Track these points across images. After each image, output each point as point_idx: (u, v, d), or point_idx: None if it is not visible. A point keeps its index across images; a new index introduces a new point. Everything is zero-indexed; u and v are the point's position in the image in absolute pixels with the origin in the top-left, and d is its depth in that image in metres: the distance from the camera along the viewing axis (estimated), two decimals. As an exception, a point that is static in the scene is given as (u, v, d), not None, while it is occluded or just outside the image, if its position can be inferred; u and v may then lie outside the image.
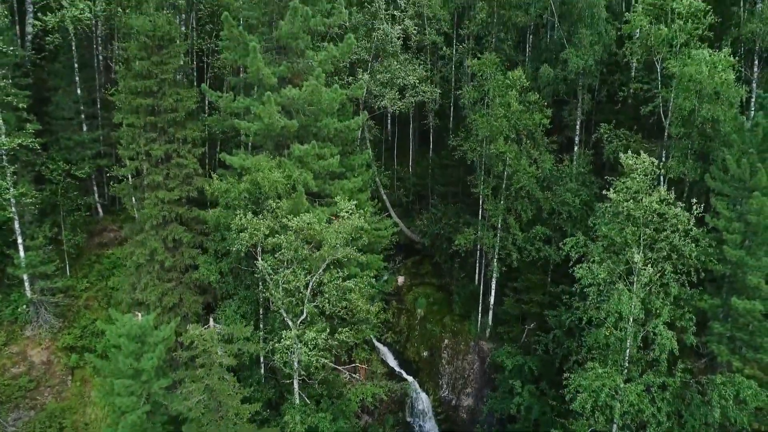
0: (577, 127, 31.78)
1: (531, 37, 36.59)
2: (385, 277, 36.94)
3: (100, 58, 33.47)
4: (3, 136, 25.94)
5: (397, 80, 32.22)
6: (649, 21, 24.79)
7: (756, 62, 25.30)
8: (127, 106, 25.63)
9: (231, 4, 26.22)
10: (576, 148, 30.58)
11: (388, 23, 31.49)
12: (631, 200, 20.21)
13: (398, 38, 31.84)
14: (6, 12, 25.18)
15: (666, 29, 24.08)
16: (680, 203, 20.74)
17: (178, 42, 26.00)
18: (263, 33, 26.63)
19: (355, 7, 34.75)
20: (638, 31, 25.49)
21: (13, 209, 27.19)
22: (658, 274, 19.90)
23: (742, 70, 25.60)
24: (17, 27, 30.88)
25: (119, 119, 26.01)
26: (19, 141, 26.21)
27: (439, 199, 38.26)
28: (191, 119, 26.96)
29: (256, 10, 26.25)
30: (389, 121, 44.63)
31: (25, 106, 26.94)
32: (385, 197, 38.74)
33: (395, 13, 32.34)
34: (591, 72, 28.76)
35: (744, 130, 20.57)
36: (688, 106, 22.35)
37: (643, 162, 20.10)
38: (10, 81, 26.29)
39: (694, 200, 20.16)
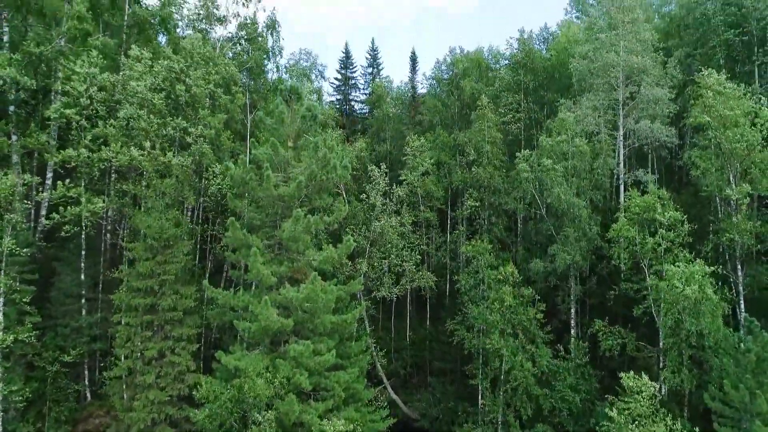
0: (572, 311, 32.11)
1: (521, 216, 38.46)
2: (382, 468, 34.80)
3: (108, 238, 34.78)
4: (1, 333, 26.01)
5: (394, 267, 33.24)
6: (632, 227, 26.23)
7: (738, 266, 26.28)
8: (126, 305, 26.08)
9: (238, 207, 27.88)
10: (572, 340, 30.58)
11: (386, 215, 33.27)
12: (636, 424, 19.73)
13: (395, 229, 33.40)
14: (22, 218, 26.55)
15: (651, 239, 25.41)
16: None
17: (184, 240, 27.21)
18: (266, 232, 27.99)
19: (353, 196, 37.11)
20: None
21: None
22: None
23: (727, 273, 26.52)
24: (32, 212, 32.50)
25: (117, 319, 26.31)
26: (17, 337, 26.22)
27: (437, 377, 37.47)
28: (189, 314, 27.28)
29: (261, 213, 27.87)
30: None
31: (27, 300, 27.40)
32: (382, 373, 37.94)
33: (392, 203, 34.35)
34: (579, 265, 29.79)
35: (738, 351, 20.76)
36: (671, 320, 22.84)
37: (645, 384, 20.02)
38: (18, 278, 27.02)
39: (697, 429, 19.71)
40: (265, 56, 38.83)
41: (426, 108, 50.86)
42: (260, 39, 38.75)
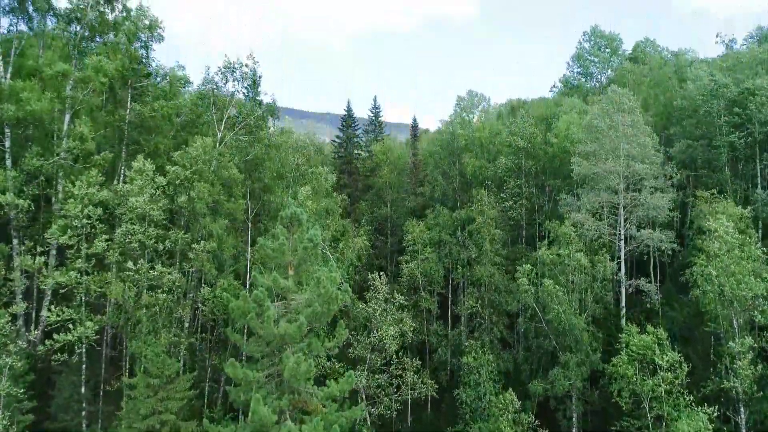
0: (573, 429, 31.98)
1: (521, 319, 38.18)
2: None
3: (109, 340, 34.61)
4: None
5: (396, 379, 33.20)
6: (631, 366, 26.15)
7: (741, 408, 26.13)
8: (127, 445, 25.98)
9: (238, 341, 27.79)
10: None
11: (386, 324, 33.19)
12: None
13: (395, 339, 33.28)
14: (18, 360, 26.26)
15: (650, 381, 25.31)
16: None
17: (185, 374, 27.14)
18: (266, 362, 27.87)
19: (354, 293, 37.01)
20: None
21: None
22: None
23: (729, 414, 26.39)
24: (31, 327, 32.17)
25: (118, 460, 26.20)
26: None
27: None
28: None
29: (261, 343, 27.76)
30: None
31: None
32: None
33: (392, 309, 34.29)
34: (579, 387, 29.76)
35: None
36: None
37: None
38: (16, 410, 26.88)
39: None
40: (266, 147, 38.74)
41: (427, 181, 50.79)
42: (261, 132, 38.70)
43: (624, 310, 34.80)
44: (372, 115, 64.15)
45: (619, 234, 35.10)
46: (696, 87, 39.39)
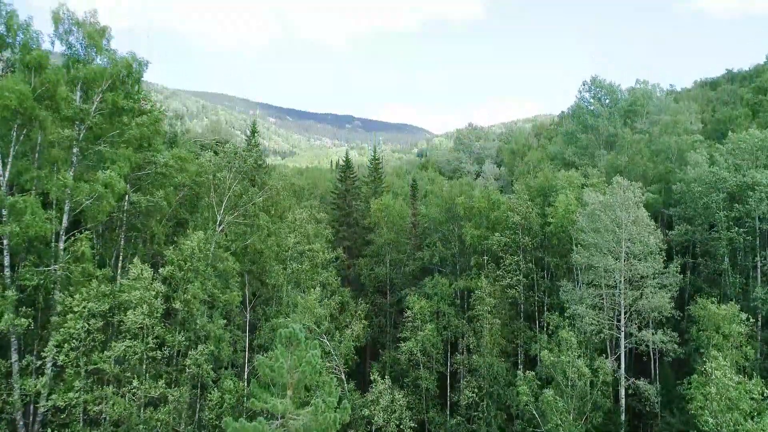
0: None
1: (519, 422, 38.00)
2: None
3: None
4: None
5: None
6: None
7: None
8: None
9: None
10: None
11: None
12: None
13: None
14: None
15: None
16: None
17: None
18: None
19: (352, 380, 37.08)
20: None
21: None
22: None
23: None
24: None
25: None
26: None
27: None
28: None
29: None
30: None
31: None
32: None
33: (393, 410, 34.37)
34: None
35: None
36: None
37: None
38: None
39: None
40: (266, 236, 38.61)
41: (426, 245, 50.69)
42: (260, 221, 38.57)
43: (623, 405, 34.92)
44: (371, 166, 64.00)
45: (619, 328, 35.13)
46: (696, 174, 39.24)
